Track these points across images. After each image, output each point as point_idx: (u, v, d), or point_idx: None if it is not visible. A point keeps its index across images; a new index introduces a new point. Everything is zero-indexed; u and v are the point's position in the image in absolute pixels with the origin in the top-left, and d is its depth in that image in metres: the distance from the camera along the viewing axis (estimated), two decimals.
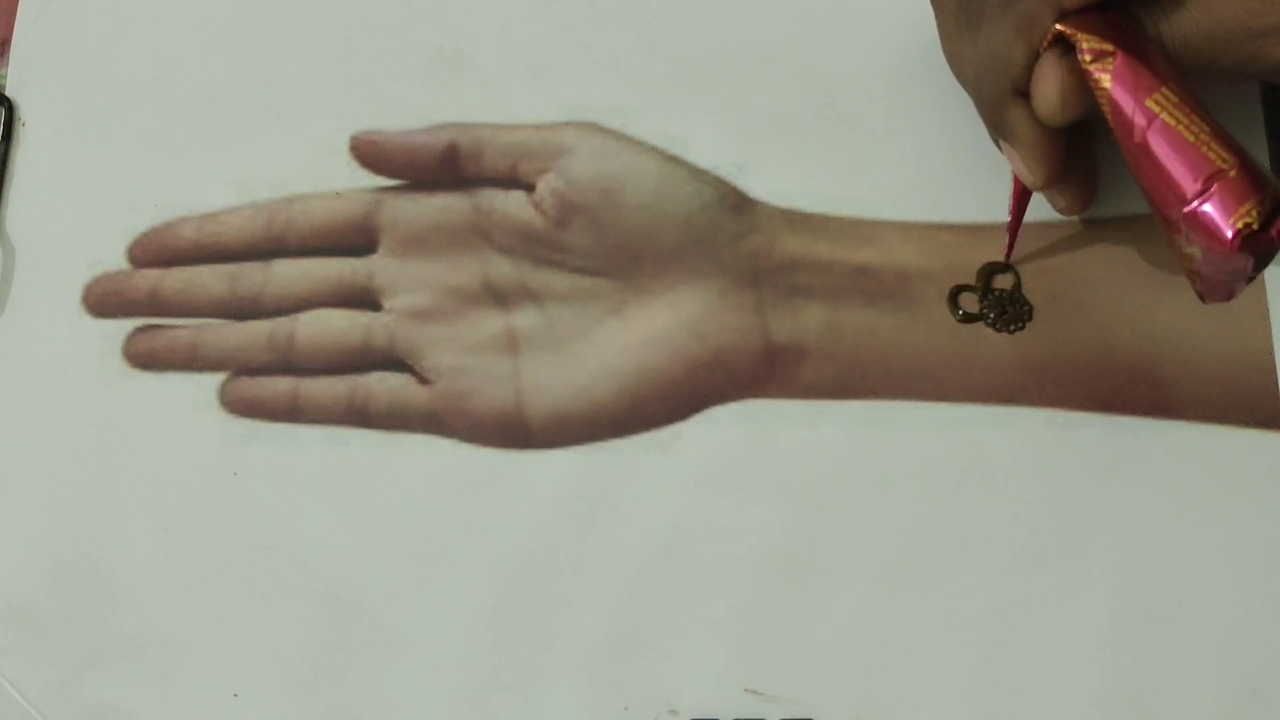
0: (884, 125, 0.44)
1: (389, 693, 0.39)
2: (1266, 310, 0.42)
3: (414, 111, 0.45)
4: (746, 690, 0.39)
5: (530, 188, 0.44)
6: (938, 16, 0.40)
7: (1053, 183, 0.38)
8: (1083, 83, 0.35)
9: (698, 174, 0.44)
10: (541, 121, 0.44)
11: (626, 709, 0.39)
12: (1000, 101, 0.37)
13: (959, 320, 0.42)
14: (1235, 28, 0.35)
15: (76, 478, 0.41)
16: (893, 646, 0.39)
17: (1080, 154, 0.40)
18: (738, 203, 0.43)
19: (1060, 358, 0.41)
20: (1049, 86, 0.36)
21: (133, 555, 0.40)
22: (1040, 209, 0.41)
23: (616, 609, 0.39)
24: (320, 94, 0.45)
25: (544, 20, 0.46)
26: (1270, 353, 0.41)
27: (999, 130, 0.38)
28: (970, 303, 0.42)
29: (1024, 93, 0.37)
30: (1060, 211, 0.42)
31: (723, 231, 0.43)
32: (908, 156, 0.44)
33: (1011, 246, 0.42)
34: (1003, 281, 0.42)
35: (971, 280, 0.42)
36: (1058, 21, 0.35)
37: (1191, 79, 0.35)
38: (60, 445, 0.41)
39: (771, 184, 0.44)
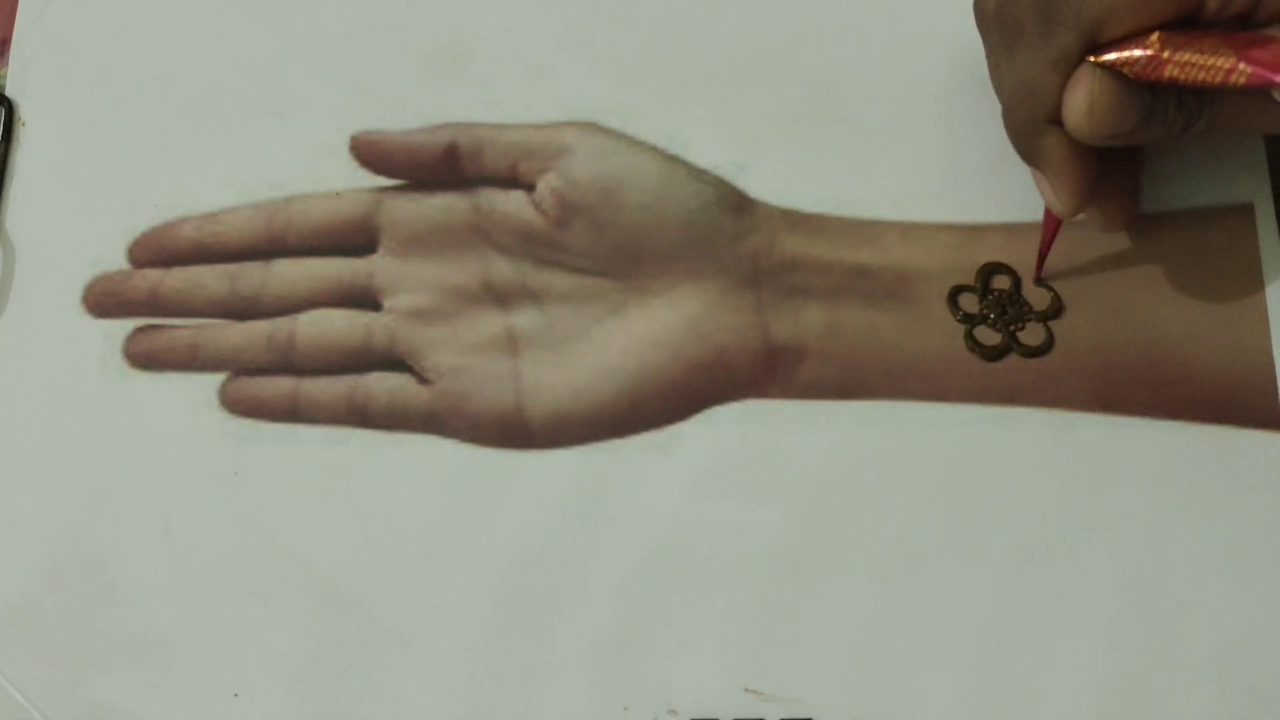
0: (884, 125, 0.44)
1: (389, 693, 0.39)
2: (1265, 311, 0.42)
3: (414, 111, 0.45)
4: (746, 690, 0.39)
5: (530, 187, 0.44)
6: (980, 30, 0.40)
7: (1079, 211, 0.38)
8: (1115, 97, 0.35)
9: (698, 174, 0.44)
10: (541, 121, 0.44)
11: (626, 709, 0.39)
12: (1033, 128, 0.37)
13: (958, 320, 0.42)
14: None
15: (77, 478, 0.41)
16: (892, 646, 0.39)
17: (1118, 174, 0.40)
18: (738, 203, 0.43)
19: (1059, 358, 0.41)
20: (1079, 98, 0.35)
21: (133, 555, 0.40)
22: (1037, 210, 0.41)
23: (616, 609, 0.39)
24: (320, 94, 0.45)
25: (544, 20, 0.46)
26: (1269, 353, 0.41)
27: (1030, 157, 0.38)
28: (970, 303, 0.42)
29: (1057, 120, 0.36)
30: (1098, 229, 0.41)
31: (723, 232, 0.43)
32: (908, 156, 0.44)
33: (1040, 267, 0.41)
34: (1001, 282, 0.42)
35: (971, 280, 0.42)
36: (1092, 55, 0.35)
37: None
38: (61, 445, 0.41)
39: (771, 184, 0.44)
